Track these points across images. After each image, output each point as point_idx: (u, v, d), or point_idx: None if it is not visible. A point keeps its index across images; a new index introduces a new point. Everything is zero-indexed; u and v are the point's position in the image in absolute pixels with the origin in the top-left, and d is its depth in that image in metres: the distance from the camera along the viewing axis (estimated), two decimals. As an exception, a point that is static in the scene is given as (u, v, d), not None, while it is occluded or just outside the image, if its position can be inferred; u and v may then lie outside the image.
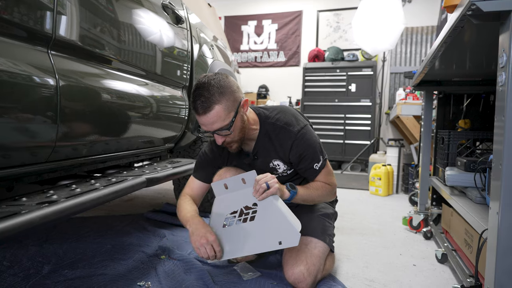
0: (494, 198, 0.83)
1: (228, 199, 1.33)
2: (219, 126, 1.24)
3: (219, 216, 1.34)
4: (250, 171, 1.29)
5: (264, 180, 1.24)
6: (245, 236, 1.27)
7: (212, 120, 1.23)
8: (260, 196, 1.23)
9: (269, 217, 1.23)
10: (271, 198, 1.24)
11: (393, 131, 5.32)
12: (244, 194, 1.29)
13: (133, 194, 2.94)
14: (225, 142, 1.32)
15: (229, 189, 1.33)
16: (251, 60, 6.21)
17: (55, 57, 1.05)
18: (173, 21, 1.80)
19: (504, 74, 0.79)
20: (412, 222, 2.20)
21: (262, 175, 1.26)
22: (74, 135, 1.18)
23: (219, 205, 1.36)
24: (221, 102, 1.22)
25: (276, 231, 1.21)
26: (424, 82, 2.10)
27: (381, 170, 3.40)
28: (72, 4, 1.09)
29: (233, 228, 1.30)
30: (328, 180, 1.43)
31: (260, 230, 1.24)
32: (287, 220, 1.20)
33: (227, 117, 1.24)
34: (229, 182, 1.32)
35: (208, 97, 1.21)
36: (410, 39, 5.30)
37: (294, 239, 1.19)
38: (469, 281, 1.28)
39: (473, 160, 1.58)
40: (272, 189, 1.23)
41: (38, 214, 0.88)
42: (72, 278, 1.35)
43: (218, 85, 1.23)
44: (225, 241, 1.30)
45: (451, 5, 1.11)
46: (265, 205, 1.24)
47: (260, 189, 1.23)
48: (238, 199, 1.31)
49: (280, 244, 1.20)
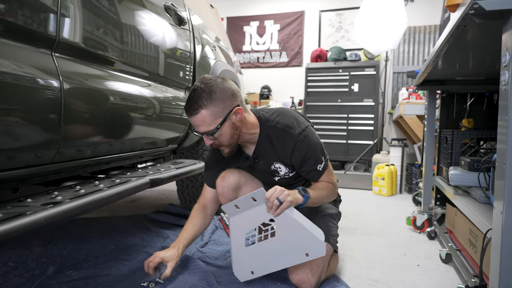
0: (498, 197, 0.82)
1: (243, 218, 1.29)
2: (204, 130, 1.27)
3: (238, 237, 1.30)
4: (257, 189, 1.24)
5: (275, 196, 1.19)
6: (270, 253, 1.25)
7: (197, 123, 1.26)
8: (275, 212, 1.19)
9: (290, 231, 1.20)
10: (286, 211, 1.20)
11: (396, 131, 5.30)
12: (258, 211, 1.25)
13: (137, 195, 2.95)
14: (214, 145, 1.34)
15: (241, 208, 1.28)
16: (254, 61, 6.21)
17: (59, 59, 1.05)
18: (176, 22, 1.80)
19: (507, 73, 0.79)
20: (416, 222, 2.19)
21: (271, 190, 1.21)
22: (78, 136, 1.19)
23: (235, 226, 1.31)
24: (208, 107, 1.24)
25: (300, 244, 1.20)
26: (427, 81, 2.09)
27: (384, 170, 3.39)
28: (75, 6, 1.10)
29: (256, 246, 1.28)
30: (331, 179, 1.43)
31: (284, 245, 1.22)
32: (308, 232, 1.19)
33: (213, 122, 1.26)
34: (239, 202, 1.27)
35: (196, 101, 1.23)
36: (413, 39, 5.28)
37: (320, 249, 1.18)
38: (474, 281, 1.28)
39: (477, 160, 1.58)
40: (285, 204, 1.19)
41: (43, 215, 0.89)
42: (77, 279, 1.35)
43: (209, 91, 1.24)
44: (251, 260, 1.28)
45: (454, 4, 1.10)
46: (283, 220, 1.21)
47: (273, 207, 1.19)
48: (253, 217, 1.27)
49: (307, 256, 1.19)
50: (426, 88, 2.20)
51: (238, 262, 1.32)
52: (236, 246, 1.31)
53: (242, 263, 1.31)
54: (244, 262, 1.30)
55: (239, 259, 1.32)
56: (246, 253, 1.29)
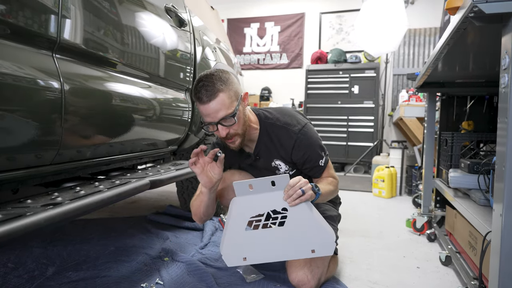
0: (498, 200, 0.82)
1: (252, 200, 1.20)
2: (224, 114, 1.25)
3: (240, 218, 1.21)
4: (283, 174, 1.19)
5: (299, 185, 1.15)
6: (272, 242, 1.19)
7: (216, 107, 1.24)
8: (293, 202, 1.15)
9: (302, 224, 1.16)
10: (304, 204, 1.17)
11: (396, 133, 5.30)
12: (272, 197, 1.18)
13: (137, 196, 2.95)
14: (229, 135, 1.30)
15: (254, 190, 1.20)
16: (254, 62, 6.22)
17: (59, 61, 1.06)
18: (176, 24, 1.81)
19: (507, 76, 0.79)
20: (416, 224, 2.19)
21: (296, 179, 1.17)
22: (79, 137, 1.19)
23: (240, 205, 1.21)
24: (225, 90, 1.25)
25: (309, 239, 1.16)
26: (427, 83, 2.10)
27: (384, 172, 3.39)
28: (76, 8, 1.10)
29: (259, 232, 1.20)
30: (332, 174, 1.44)
31: (291, 236, 1.17)
32: (323, 228, 1.16)
33: (231, 105, 1.26)
34: (255, 183, 1.19)
35: (212, 86, 1.23)
36: (413, 41, 5.29)
37: (329, 248, 1.16)
38: (474, 284, 1.28)
39: (477, 162, 1.58)
40: (306, 195, 1.16)
41: (42, 216, 0.89)
42: (76, 280, 1.36)
43: (219, 77, 1.26)
44: (248, 245, 1.20)
45: (453, 7, 1.10)
46: (298, 211, 1.16)
47: (295, 195, 1.15)
48: (265, 201, 1.19)
49: (313, 252, 1.16)
50: (426, 90, 2.21)
51: (230, 244, 1.21)
52: (233, 227, 1.21)
53: (236, 246, 1.21)
54: (238, 246, 1.21)
55: (233, 241, 1.21)
56: (244, 237, 1.20)
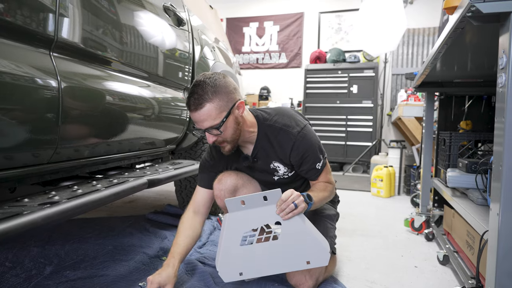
0: (495, 199, 0.82)
1: (245, 216, 1.22)
2: (209, 125, 1.24)
3: (234, 234, 1.22)
4: (274, 189, 1.19)
5: (292, 199, 1.16)
6: (267, 256, 1.20)
7: (202, 118, 1.23)
8: (286, 216, 1.16)
9: (296, 237, 1.18)
10: (297, 217, 1.18)
11: (395, 133, 5.31)
12: (265, 211, 1.20)
13: (135, 196, 2.95)
14: (217, 142, 1.30)
15: (246, 205, 1.21)
16: (253, 62, 6.22)
17: (57, 59, 1.05)
18: (175, 23, 1.81)
19: (504, 75, 0.79)
20: (414, 223, 2.20)
21: (287, 192, 1.18)
22: (76, 136, 1.19)
23: (233, 221, 1.23)
24: (213, 101, 1.22)
25: (304, 251, 1.17)
26: (426, 83, 2.10)
27: (382, 172, 3.39)
28: (74, 6, 1.10)
29: (253, 247, 1.21)
30: (329, 179, 1.43)
31: (286, 249, 1.18)
32: (317, 240, 1.17)
33: (218, 116, 1.24)
34: (247, 199, 1.21)
35: (201, 95, 1.21)
36: (412, 41, 5.30)
37: (324, 258, 1.17)
38: (471, 283, 1.28)
39: (475, 162, 1.58)
40: (299, 208, 1.17)
41: (40, 215, 0.89)
42: (74, 279, 1.35)
43: (213, 84, 1.23)
44: (243, 260, 1.21)
45: (451, 6, 1.11)
46: (291, 224, 1.18)
47: (287, 209, 1.16)
48: (258, 216, 1.21)
49: (308, 264, 1.17)
50: (424, 90, 2.21)
51: (226, 260, 1.23)
52: (228, 244, 1.23)
53: (231, 262, 1.23)
54: (233, 262, 1.22)
55: (228, 257, 1.23)
56: (238, 253, 1.22)
